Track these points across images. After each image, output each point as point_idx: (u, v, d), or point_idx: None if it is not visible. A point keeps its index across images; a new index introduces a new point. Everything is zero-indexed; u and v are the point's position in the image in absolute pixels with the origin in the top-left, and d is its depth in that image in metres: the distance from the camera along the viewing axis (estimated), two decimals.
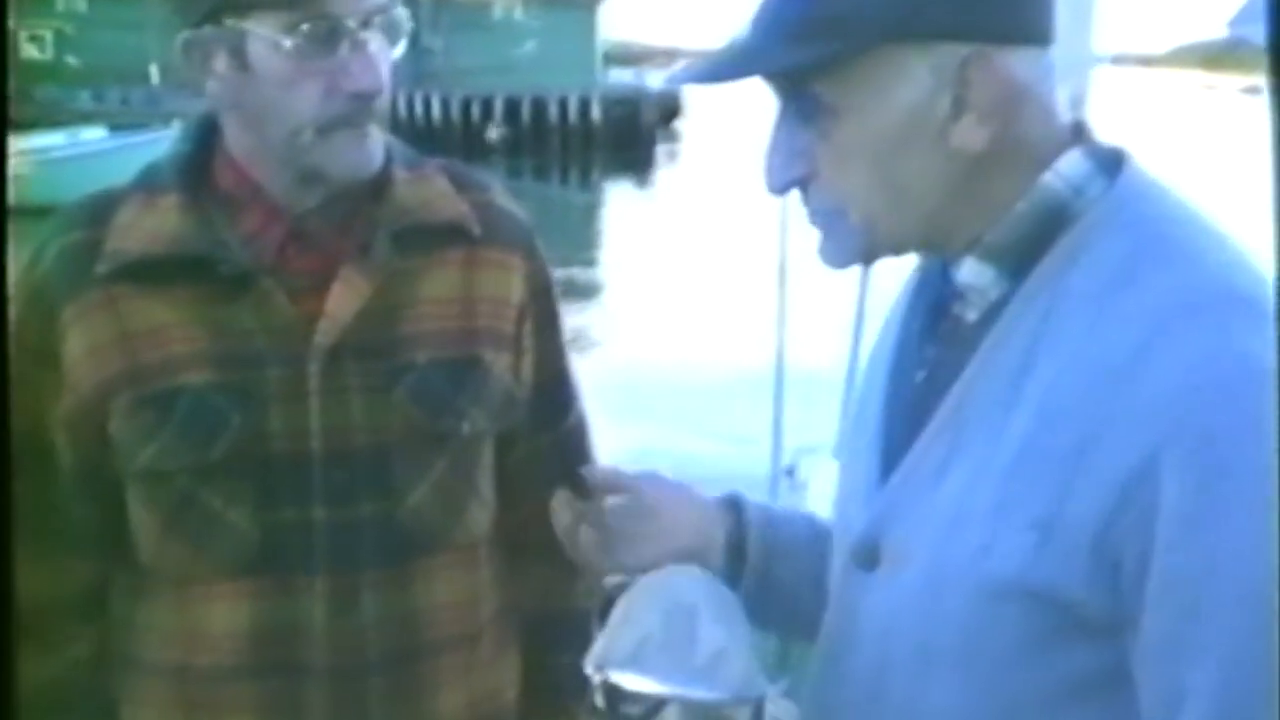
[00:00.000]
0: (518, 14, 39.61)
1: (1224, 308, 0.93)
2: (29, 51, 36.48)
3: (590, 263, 16.75)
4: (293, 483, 1.36)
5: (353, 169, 1.34)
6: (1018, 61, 0.98)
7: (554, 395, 1.54)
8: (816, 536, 1.23)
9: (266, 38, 1.29)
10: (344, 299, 1.37)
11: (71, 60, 36.39)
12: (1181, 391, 0.90)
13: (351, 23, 1.29)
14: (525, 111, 35.70)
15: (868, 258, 1.05)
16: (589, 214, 23.80)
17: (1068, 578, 0.93)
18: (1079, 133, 1.04)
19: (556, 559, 1.29)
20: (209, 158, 1.40)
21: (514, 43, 37.88)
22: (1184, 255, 0.97)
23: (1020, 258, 1.01)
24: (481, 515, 1.46)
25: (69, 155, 22.08)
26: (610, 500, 1.24)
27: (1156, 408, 0.91)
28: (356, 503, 1.37)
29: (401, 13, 1.34)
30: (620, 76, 40.70)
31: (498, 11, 39.11)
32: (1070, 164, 1.01)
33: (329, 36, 1.29)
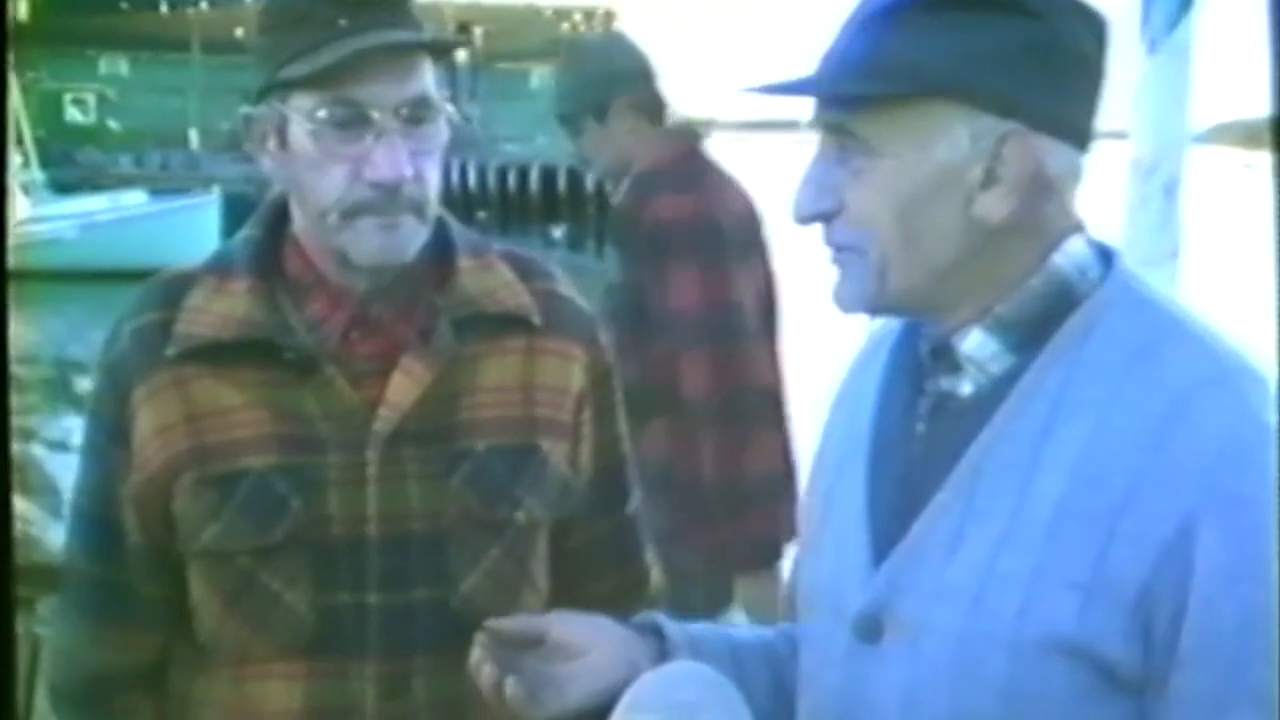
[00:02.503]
0: (553, 84, 40.16)
1: (1241, 381, 1.03)
2: (73, 115, 37.18)
3: None
4: (349, 567, 1.39)
5: (378, 257, 1.37)
6: (1052, 151, 1.05)
7: (612, 484, 1.56)
8: (743, 645, 1.28)
9: (296, 120, 1.35)
10: (404, 387, 1.40)
11: (113, 124, 37.04)
12: (1213, 457, 0.99)
13: (376, 113, 1.33)
14: (561, 180, 36.04)
15: (877, 306, 1.11)
16: None
17: (1109, 636, 1.00)
18: (1079, 225, 1.11)
19: None
20: (278, 242, 1.45)
21: (549, 113, 38.32)
22: (1195, 335, 1.07)
23: (1028, 332, 1.07)
24: (534, 603, 1.47)
25: (111, 219, 22.41)
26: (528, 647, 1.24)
27: (1190, 472, 0.99)
28: (410, 588, 1.40)
29: (441, 104, 1.38)
30: None
31: (534, 80, 39.64)
32: (1076, 248, 1.09)
33: (351, 123, 1.34)
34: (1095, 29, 1.07)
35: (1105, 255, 1.10)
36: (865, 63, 1.05)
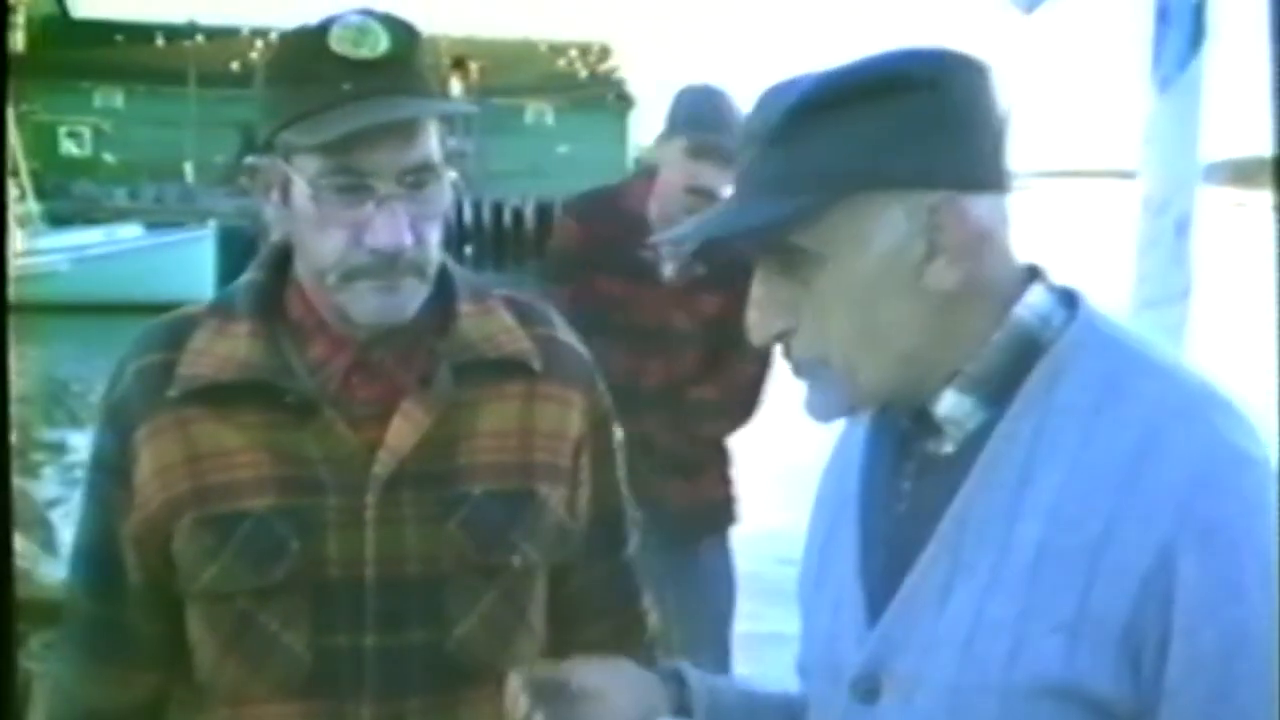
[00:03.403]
0: (549, 118, 40.23)
1: (1209, 409, 1.05)
2: (68, 148, 37.21)
3: None
4: (346, 609, 1.40)
5: (377, 316, 1.39)
6: (982, 206, 1.07)
7: (609, 529, 1.57)
8: (761, 698, 1.30)
9: (299, 183, 1.36)
10: (403, 431, 1.41)
11: (108, 157, 37.07)
12: (1185, 486, 1.00)
13: (377, 182, 1.34)
14: (557, 216, 36.13)
15: (851, 409, 1.13)
16: None
17: (1097, 675, 1.01)
18: (1034, 271, 1.13)
19: None
20: (282, 285, 1.46)
21: (546, 147, 38.42)
22: (1162, 369, 1.08)
23: (998, 386, 1.09)
24: (530, 648, 1.48)
25: (106, 252, 22.40)
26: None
27: (1164, 503, 1.00)
28: (406, 630, 1.41)
29: (443, 168, 1.39)
30: None
31: (529, 116, 39.74)
32: (1036, 298, 1.11)
33: (353, 191, 1.34)
34: (982, 77, 1.08)
35: (1069, 299, 1.12)
36: (780, 181, 1.07)
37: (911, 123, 1.05)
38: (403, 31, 1.36)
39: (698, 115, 3.04)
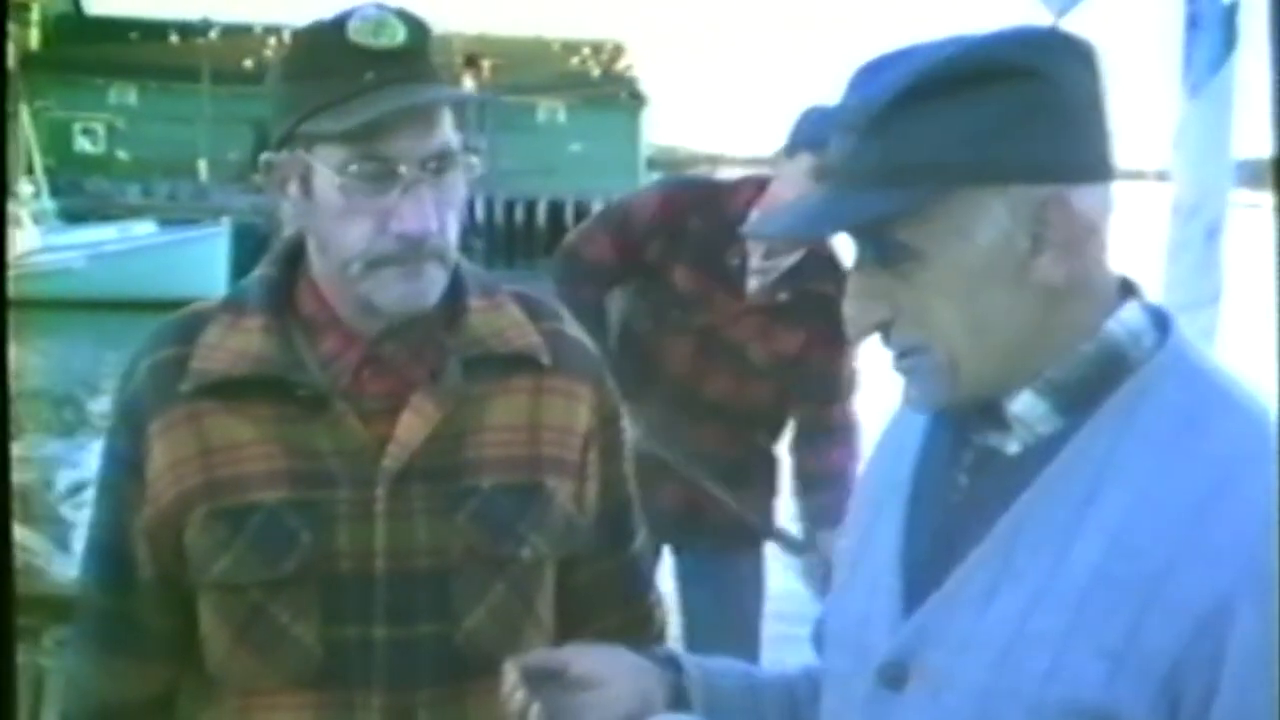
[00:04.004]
0: (561, 116, 40.26)
1: None
2: (82, 144, 37.30)
3: None
4: (356, 601, 1.41)
5: (401, 304, 1.40)
6: (1089, 198, 1.05)
7: (617, 522, 1.58)
8: (760, 682, 1.29)
9: (324, 172, 1.37)
10: (414, 425, 1.42)
11: (122, 154, 37.15)
12: (1254, 536, 0.97)
13: (404, 168, 1.36)
14: (569, 214, 36.13)
15: (951, 399, 1.10)
16: None
17: (1134, 707, 0.98)
18: (1129, 285, 1.11)
19: None
20: (294, 281, 1.48)
21: (557, 145, 38.46)
22: (1245, 409, 1.06)
23: (1077, 396, 1.07)
24: (538, 640, 1.49)
25: (120, 250, 22.45)
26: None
27: (1230, 548, 0.98)
28: (416, 623, 1.42)
29: (468, 158, 1.41)
30: None
31: (541, 114, 39.77)
32: (1131, 315, 1.09)
33: (380, 178, 1.36)
34: (1087, 60, 1.06)
35: (1161, 321, 1.10)
36: (880, 173, 1.04)
37: (1018, 112, 1.02)
38: (416, 24, 1.39)
39: (824, 136, 3.00)
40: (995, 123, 1.02)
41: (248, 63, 33.80)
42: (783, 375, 3.11)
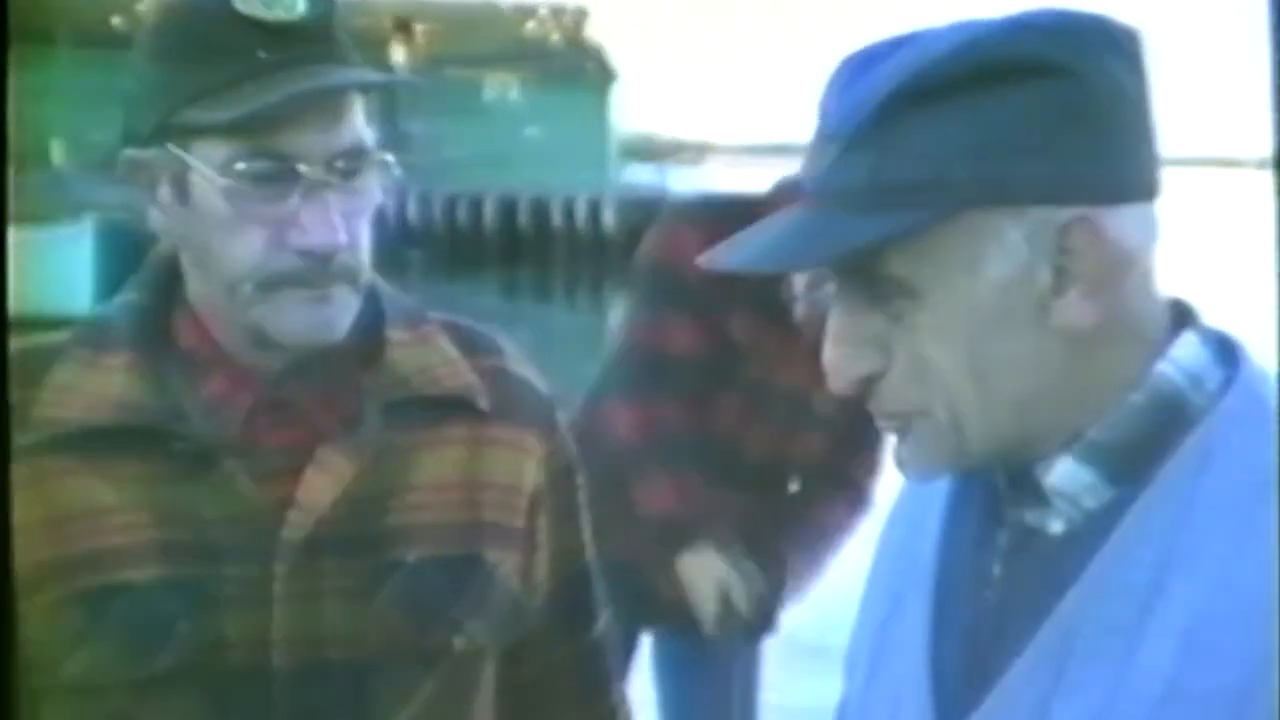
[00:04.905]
0: (513, 94, 40.33)
1: None
2: None
3: None
4: (249, 705, 1.42)
5: (304, 334, 1.40)
6: (1125, 222, 1.04)
7: (573, 602, 1.60)
8: None
9: (204, 172, 1.37)
10: (321, 485, 1.43)
11: None
12: None
13: (305, 167, 1.36)
14: (523, 214, 36.20)
15: (953, 465, 1.10)
16: (599, 340, 23.93)
17: None
18: (1182, 311, 1.11)
19: None
20: (168, 307, 1.48)
21: (509, 129, 38.52)
22: None
23: (1130, 460, 1.06)
24: None
25: None
26: None
27: None
28: None
29: (384, 157, 1.42)
30: (639, 175, 41.31)
31: (489, 91, 39.83)
32: (1187, 352, 1.08)
33: (276, 180, 1.36)
34: (1126, 52, 1.05)
35: (1226, 351, 1.09)
36: (868, 192, 1.03)
37: (1039, 118, 1.01)
38: None
39: None
40: (1010, 131, 1.02)
41: (115, 20, 33.75)
42: (840, 422, 3.12)
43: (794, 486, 3.27)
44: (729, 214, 3.07)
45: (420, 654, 1.46)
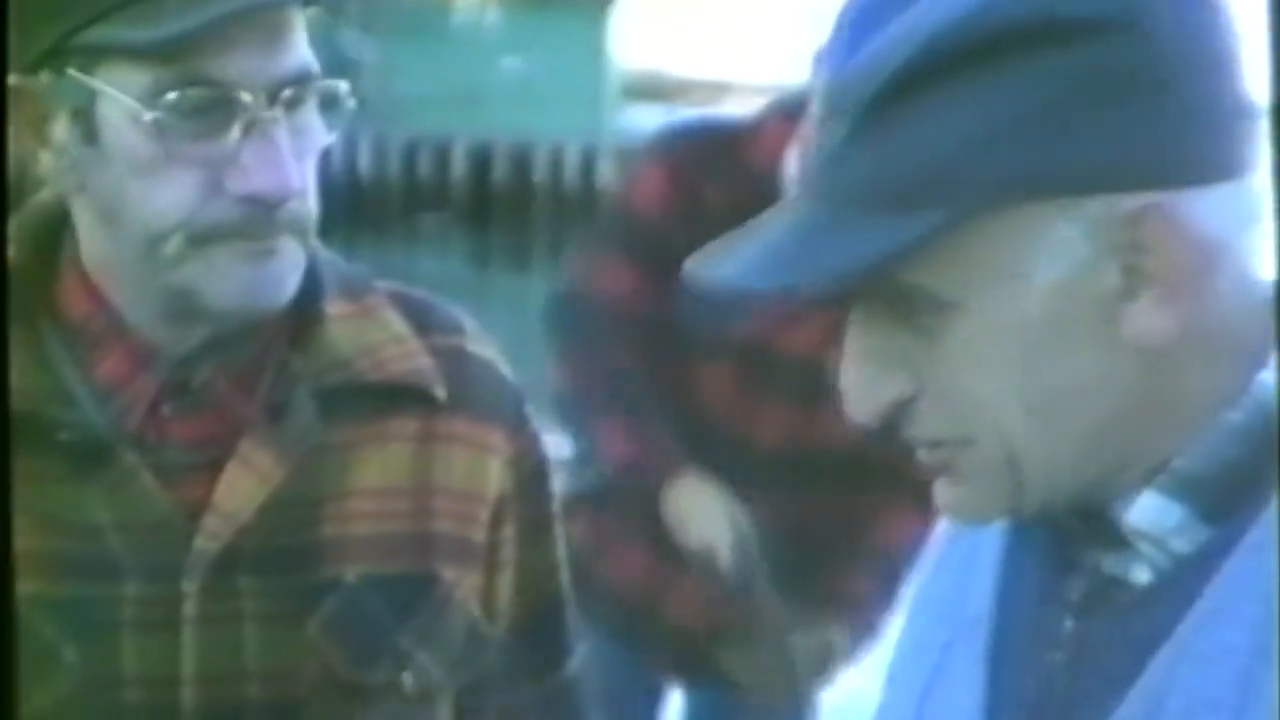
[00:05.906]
0: (490, 17, 40.25)
1: None
2: None
3: None
4: None
5: (242, 299, 1.41)
6: (1208, 210, 1.03)
7: (542, 631, 1.61)
8: None
9: (123, 103, 1.37)
10: (242, 488, 1.44)
11: None
12: None
13: (247, 96, 1.36)
14: (499, 164, 36.10)
15: (1015, 510, 1.09)
16: None
17: None
18: None
19: None
20: (50, 271, 1.48)
21: (483, 59, 38.39)
22: None
23: (1228, 493, 1.06)
24: None
25: None
26: None
27: None
28: None
29: (337, 87, 1.42)
30: (642, 119, 41.20)
31: (460, 13, 39.73)
32: None
33: (212, 113, 1.36)
34: (1203, 3, 1.03)
35: None
36: (882, 185, 1.02)
37: (1094, 89, 1.00)
38: None
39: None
40: (1057, 105, 1.00)
41: None
42: None
43: (838, 490, 3.21)
44: (706, 149, 3.16)
45: (359, 693, 1.47)
